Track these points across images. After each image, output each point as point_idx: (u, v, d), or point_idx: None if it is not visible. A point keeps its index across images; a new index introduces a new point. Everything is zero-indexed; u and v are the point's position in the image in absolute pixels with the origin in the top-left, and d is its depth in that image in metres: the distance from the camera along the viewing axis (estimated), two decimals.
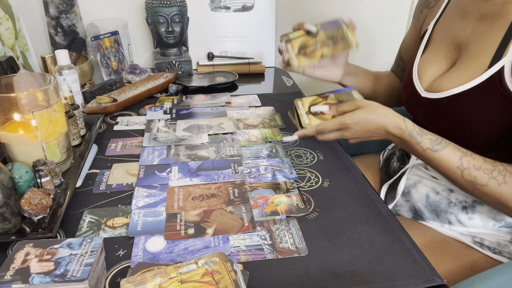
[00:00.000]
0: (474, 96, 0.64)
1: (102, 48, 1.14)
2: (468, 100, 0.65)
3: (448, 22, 0.76)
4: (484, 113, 0.64)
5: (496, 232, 0.72)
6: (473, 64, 0.65)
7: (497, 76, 0.61)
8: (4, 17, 0.99)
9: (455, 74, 0.68)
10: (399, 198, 0.83)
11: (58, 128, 0.70)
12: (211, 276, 0.47)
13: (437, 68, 0.74)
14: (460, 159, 0.63)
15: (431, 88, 0.72)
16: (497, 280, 0.53)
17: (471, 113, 0.65)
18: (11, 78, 0.71)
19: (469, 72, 0.65)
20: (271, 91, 1.17)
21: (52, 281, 0.43)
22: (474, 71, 0.65)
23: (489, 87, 0.62)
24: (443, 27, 0.77)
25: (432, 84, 0.72)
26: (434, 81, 0.73)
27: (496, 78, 0.61)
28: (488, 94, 0.62)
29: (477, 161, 0.62)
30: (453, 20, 0.74)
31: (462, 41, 0.70)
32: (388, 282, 0.52)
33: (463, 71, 0.67)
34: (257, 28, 1.32)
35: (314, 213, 0.65)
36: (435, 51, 0.76)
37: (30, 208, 0.58)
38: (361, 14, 1.43)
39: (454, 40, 0.72)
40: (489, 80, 0.62)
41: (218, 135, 0.89)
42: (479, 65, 0.64)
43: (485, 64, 0.63)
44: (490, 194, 0.62)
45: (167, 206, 0.65)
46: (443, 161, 0.64)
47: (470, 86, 0.64)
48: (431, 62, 0.75)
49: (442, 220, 0.76)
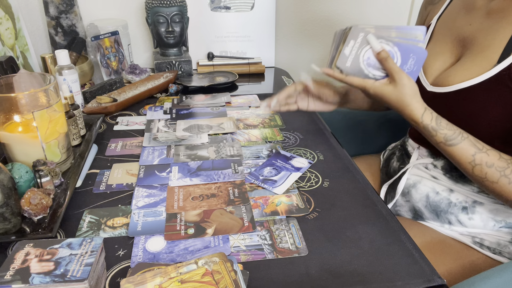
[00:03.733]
0: (482, 90, 0.64)
1: (102, 48, 1.14)
2: (476, 95, 0.65)
3: (452, 17, 0.76)
4: (491, 108, 0.64)
5: (496, 233, 0.72)
6: (481, 59, 0.65)
7: (506, 71, 0.61)
8: (4, 17, 0.99)
9: (462, 68, 0.68)
10: (399, 198, 0.83)
11: (58, 128, 0.70)
12: (211, 276, 0.47)
13: (443, 62, 0.74)
14: (473, 155, 0.63)
15: (437, 82, 0.72)
16: (497, 280, 0.53)
17: (478, 108, 0.65)
18: (11, 78, 0.71)
19: (476, 67, 0.65)
20: (271, 91, 1.17)
21: (52, 281, 0.43)
22: (482, 66, 0.65)
23: (498, 82, 0.62)
24: (447, 21, 0.77)
25: (438, 78, 0.72)
26: (440, 75, 0.73)
27: (505, 73, 0.61)
28: (496, 89, 0.63)
29: (491, 158, 0.62)
30: (458, 14, 0.74)
31: (468, 35, 0.70)
32: (388, 282, 0.52)
33: (470, 65, 0.67)
34: (257, 28, 1.32)
35: (314, 213, 0.65)
36: (439, 45, 0.76)
37: (30, 208, 0.58)
38: (362, 14, 1.43)
39: (459, 34, 0.72)
40: (498, 75, 0.62)
41: (218, 135, 0.89)
42: (487, 60, 0.64)
43: (494, 59, 0.63)
44: (500, 191, 0.62)
45: (167, 206, 0.65)
46: (455, 155, 0.64)
47: (478, 80, 0.64)
48: (436, 56, 0.75)
49: (442, 220, 0.76)
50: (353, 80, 0.68)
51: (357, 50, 0.66)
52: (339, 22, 1.43)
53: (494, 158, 0.62)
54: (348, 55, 0.66)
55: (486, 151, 0.63)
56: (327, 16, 1.42)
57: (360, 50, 0.66)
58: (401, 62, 0.66)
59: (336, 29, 0.70)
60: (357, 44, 0.65)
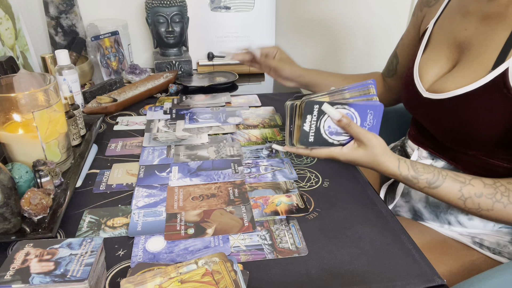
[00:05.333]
0: (478, 97, 0.64)
1: (102, 48, 1.14)
2: (471, 101, 0.65)
3: (448, 22, 0.75)
4: (487, 115, 0.63)
5: (495, 233, 0.72)
6: (476, 65, 0.65)
7: (501, 78, 0.61)
8: (4, 17, 0.99)
9: (458, 75, 0.68)
10: (398, 198, 0.83)
11: (58, 128, 0.70)
12: (211, 276, 0.47)
13: (439, 68, 0.74)
14: (460, 190, 0.63)
15: (433, 89, 0.71)
16: (497, 280, 0.53)
17: (474, 114, 0.65)
18: (11, 78, 0.71)
19: (472, 73, 0.65)
20: (271, 91, 1.17)
21: (52, 281, 0.43)
22: (477, 72, 0.64)
23: (493, 89, 0.62)
24: (443, 26, 0.76)
25: (434, 85, 0.72)
26: (436, 82, 0.72)
27: (500, 79, 0.61)
28: (492, 95, 0.62)
29: (477, 189, 0.62)
30: (454, 19, 0.74)
31: (464, 41, 0.70)
32: (388, 282, 0.52)
33: (466, 72, 0.66)
34: (257, 28, 1.32)
35: (314, 213, 0.65)
36: (436, 50, 0.76)
37: (30, 208, 0.58)
38: (361, 13, 1.43)
39: (455, 40, 0.72)
40: (493, 81, 0.62)
41: (218, 135, 0.89)
42: (482, 66, 0.64)
43: (489, 65, 0.63)
44: (498, 216, 0.62)
45: (167, 206, 0.65)
46: (443, 195, 0.64)
47: (474, 87, 0.64)
48: (432, 62, 0.75)
49: (441, 220, 0.76)
50: (320, 153, 0.67)
51: (316, 123, 0.65)
52: (339, 22, 1.43)
53: (480, 187, 0.62)
54: (308, 130, 0.66)
55: (470, 182, 0.63)
56: (327, 16, 1.42)
57: (319, 122, 0.65)
58: (361, 121, 0.67)
59: (286, 102, 0.69)
60: (315, 117, 0.65)
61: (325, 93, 0.69)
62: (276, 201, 0.67)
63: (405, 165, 0.64)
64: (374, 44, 1.50)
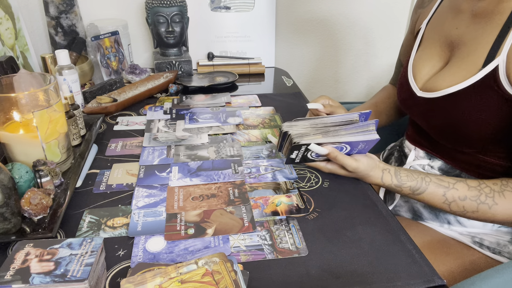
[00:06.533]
0: (469, 95, 0.64)
1: (102, 48, 1.14)
2: (463, 99, 0.65)
3: (440, 21, 0.76)
4: (479, 112, 0.64)
5: (495, 232, 0.72)
6: (467, 63, 0.65)
7: (492, 75, 0.61)
8: (4, 17, 0.99)
9: (449, 73, 0.68)
10: (398, 198, 0.83)
11: (58, 128, 0.70)
12: (211, 276, 0.47)
13: (431, 67, 0.74)
14: (443, 195, 0.65)
15: (426, 88, 0.72)
16: (497, 280, 0.53)
17: (467, 112, 0.65)
18: (11, 78, 0.71)
19: (463, 71, 0.65)
20: (271, 91, 1.17)
21: (52, 281, 0.43)
22: (468, 70, 0.65)
23: (484, 86, 0.62)
24: (435, 25, 0.77)
25: (427, 83, 0.72)
26: (428, 80, 0.73)
27: (490, 77, 0.61)
28: (483, 93, 0.62)
29: (461, 192, 0.64)
30: (445, 18, 0.74)
31: (455, 39, 0.70)
32: (388, 282, 0.52)
33: (457, 70, 0.67)
34: (257, 28, 1.32)
35: (314, 213, 0.65)
36: (428, 49, 0.76)
37: (30, 208, 0.58)
38: (362, 13, 1.43)
39: (446, 38, 0.72)
40: (484, 79, 0.62)
41: (218, 135, 0.89)
42: (473, 64, 0.64)
43: (479, 63, 0.63)
44: (484, 218, 0.63)
45: (167, 206, 0.65)
46: (427, 200, 0.67)
47: (465, 85, 0.64)
48: (424, 61, 0.75)
49: (441, 220, 0.76)
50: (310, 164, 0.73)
51: (303, 153, 0.70)
52: (339, 22, 1.43)
53: (464, 190, 0.64)
54: (295, 157, 0.71)
55: (454, 186, 0.65)
56: (326, 16, 1.42)
57: (306, 152, 0.69)
58: (351, 148, 0.70)
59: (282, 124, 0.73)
60: (302, 151, 0.69)
61: (319, 133, 0.70)
62: (276, 201, 0.67)
63: (388, 175, 0.68)
64: (374, 44, 1.50)
